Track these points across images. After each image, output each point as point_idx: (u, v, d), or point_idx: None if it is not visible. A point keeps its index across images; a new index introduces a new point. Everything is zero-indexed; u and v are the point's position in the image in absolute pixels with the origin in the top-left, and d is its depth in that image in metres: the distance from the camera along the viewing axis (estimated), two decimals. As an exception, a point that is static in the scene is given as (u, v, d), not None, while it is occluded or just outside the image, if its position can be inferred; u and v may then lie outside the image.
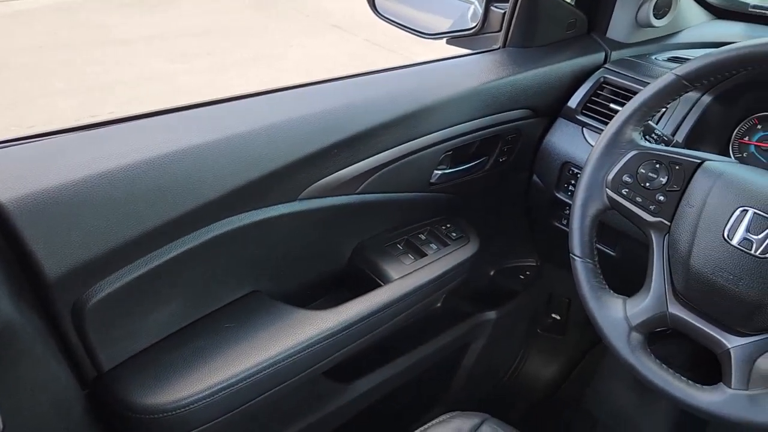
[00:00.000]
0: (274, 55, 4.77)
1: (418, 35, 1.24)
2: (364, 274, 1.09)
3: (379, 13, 1.27)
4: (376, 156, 0.99)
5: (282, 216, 0.91)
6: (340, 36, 5.26)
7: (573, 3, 1.22)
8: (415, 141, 1.03)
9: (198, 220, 0.82)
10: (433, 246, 1.14)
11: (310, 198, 0.94)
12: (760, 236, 0.74)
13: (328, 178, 0.95)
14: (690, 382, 0.79)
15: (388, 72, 1.08)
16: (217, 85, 4.13)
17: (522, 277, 1.51)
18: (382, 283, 1.06)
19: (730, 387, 0.75)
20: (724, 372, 0.77)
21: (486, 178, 1.21)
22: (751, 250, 0.74)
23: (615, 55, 1.24)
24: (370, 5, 1.26)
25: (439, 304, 1.27)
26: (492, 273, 1.47)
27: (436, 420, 0.99)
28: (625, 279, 0.91)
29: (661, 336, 1.42)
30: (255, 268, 0.97)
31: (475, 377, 1.51)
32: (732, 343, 0.76)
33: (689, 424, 1.58)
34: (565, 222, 1.21)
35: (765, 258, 0.73)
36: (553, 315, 1.63)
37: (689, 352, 1.44)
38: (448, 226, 1.20)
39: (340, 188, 0.97)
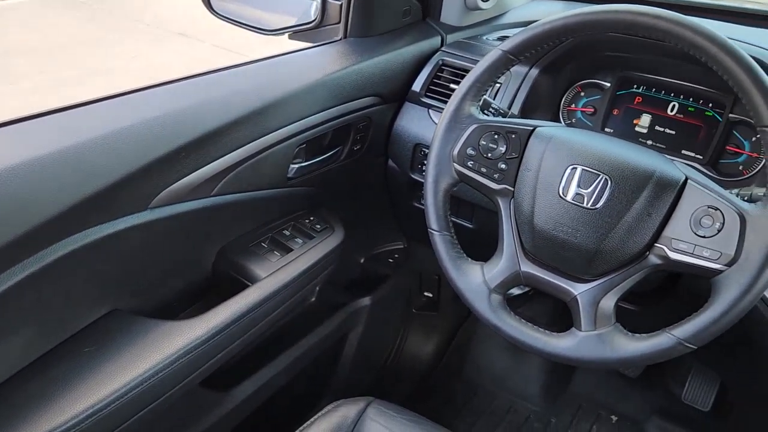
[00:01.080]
0: (115, 68, 4.51)
1: (258, 32, 1.23)
2: (230, 276, 1.07)
3: (216, 12, 1.24)
4: (228, 155, 0.97)
5: (133, 228, 0.87)
6: (187, 43, 5.08)
7: (406, -9, 1.27)
8: (267, 137, 1.02)
9: (37, 241, 0.76)
10: (299, 240, 1.14)
11: (162, 206, 0.91)
12: (589, 190, 0.81)
13: (179, 182, 0.92)
14: (547, 332, 0.85)
15: (232, 69, 1.06)
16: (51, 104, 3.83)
17: (391, 260, 1.55)
18: (250, 284, 1.04)
19: (580, 330, 0.82)
20: (574, 318, 0.84)
21: (343, 167, 1.23)
22: (583, 203, 0.82)
23: (450, 38, 1.30)
24: (205, 4, 1.23)
25: (314, 299, 1.27)
26: (362, 261, 1.50)
27: (322, 411, 1.00)
28: (484, 247, 0.97)
29: (526, 299, 1.53)
30: (112, 286, 0.92)
31: (358, 364, 1.53)
32: (577, 290, 0.83)
33: (558, 374, 1.71)
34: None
35: (596, 209, 0.81)
36: (426, 293, 1.69)
37: (552, 309, 1.55)
38: (312, 219, 1.20)
39: (195, 192, 0.95)
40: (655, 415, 1.64)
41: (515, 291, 1.58)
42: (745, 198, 0.78)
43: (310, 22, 1.24)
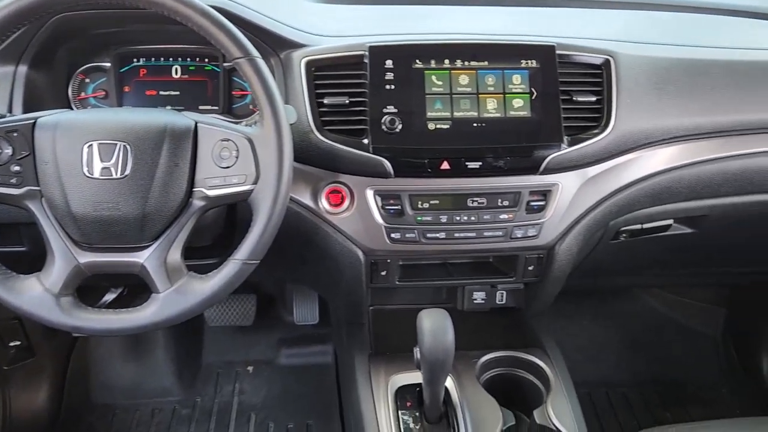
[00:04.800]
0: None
1: None
2: None
3: None
4: None
5: None
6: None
7: None
8: None
9: None
10: None
11: None
12: (113, 161, 0.82)
13: None
14: (130, 309, 0.85)
15: None
16: None
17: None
18: None
19: (159, 292, 0.84)
20: (150, 285, 0.85)
21: None
22: (112, 175, 0.82)
23: None
24: None
25: None
26: None
27: None
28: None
29: (133, 298, 1.47)
30: None
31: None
32: (143, 257, 0.84)
33: (186, 355, 1.73)
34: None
35: (126, 176, 0.82)
36: (12, 343, 1.49)
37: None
38: None
39: None
40: (282, 346, 1.80)
41: (109, 297, 1.51)
42: (250, 125, 0.89)
43: None
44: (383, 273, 1.09)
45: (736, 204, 1.19)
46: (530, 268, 1.12)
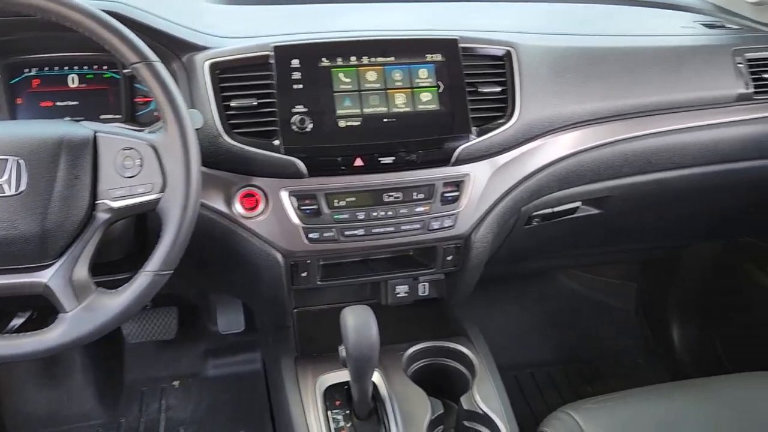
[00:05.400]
0: None
1: None
2: None
3: None
4: None
5: None
6: None
7: None
8: None
9: None
10: None
11: None
12: (6, 177, 0.77)
13: None
14: (37, 332, 0.80)
15: None
16: None
17: None
18: None
19: (67, 312, 0.80)
20: (56, 305, 0.81)
21: None
22: (6, 192, 0.77)
23: None
24: None
25: None
26: None
27: None
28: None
29: (41, 322, 1.40)
30: None
31: None
32: (46, 277, 0.80)
33: (106, 376, 1.66)
34: None
35: (21, 193, 0.78)
36: None
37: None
38: None
39: None
40: (208, 357, 1.76)
41: (17, 322, 1.43)
42: (154, 131, 0.86)
43: None
44: (304, 274, 1.09)
45: (636, 183, 1.26)
46: (449, 258, 1.14)
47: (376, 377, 1.06)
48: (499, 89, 1.09)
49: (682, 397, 1.12)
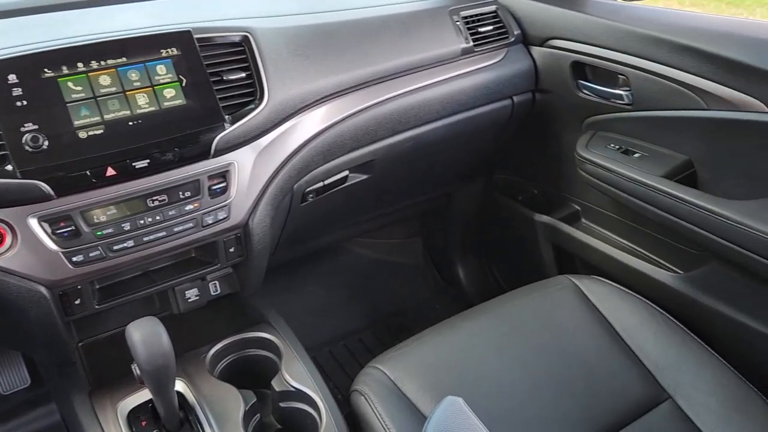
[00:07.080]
0: None
1: None
2: None
3: None
4: None
5: None
6: None
7: None
8: None
9: None
10: None
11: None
12: None
13: None
14: None
15: None
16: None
17: None
18: None
19: None
20: None
21: None
22: None
23: None
24: None
25: None
26: None
27: None
28: None
29: None
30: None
31: None
32: None
33: None
34: None
35: None
36: None
37: None
38: None
39: None
40: None
41: None
42: None
43: None
44: (77, 302, 1.01)
45: (393, 143, 1.35)
46: (231, 249, 1.13)
47: (181, 386, 1.03)
48: (244, 75, 1.09)
49: (470, 324, 1.25)
